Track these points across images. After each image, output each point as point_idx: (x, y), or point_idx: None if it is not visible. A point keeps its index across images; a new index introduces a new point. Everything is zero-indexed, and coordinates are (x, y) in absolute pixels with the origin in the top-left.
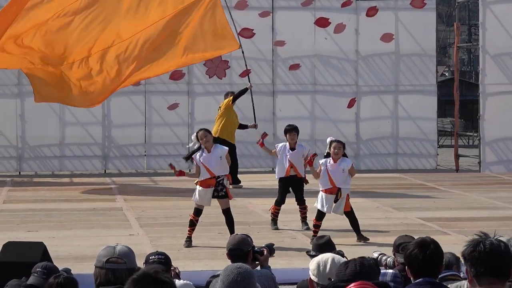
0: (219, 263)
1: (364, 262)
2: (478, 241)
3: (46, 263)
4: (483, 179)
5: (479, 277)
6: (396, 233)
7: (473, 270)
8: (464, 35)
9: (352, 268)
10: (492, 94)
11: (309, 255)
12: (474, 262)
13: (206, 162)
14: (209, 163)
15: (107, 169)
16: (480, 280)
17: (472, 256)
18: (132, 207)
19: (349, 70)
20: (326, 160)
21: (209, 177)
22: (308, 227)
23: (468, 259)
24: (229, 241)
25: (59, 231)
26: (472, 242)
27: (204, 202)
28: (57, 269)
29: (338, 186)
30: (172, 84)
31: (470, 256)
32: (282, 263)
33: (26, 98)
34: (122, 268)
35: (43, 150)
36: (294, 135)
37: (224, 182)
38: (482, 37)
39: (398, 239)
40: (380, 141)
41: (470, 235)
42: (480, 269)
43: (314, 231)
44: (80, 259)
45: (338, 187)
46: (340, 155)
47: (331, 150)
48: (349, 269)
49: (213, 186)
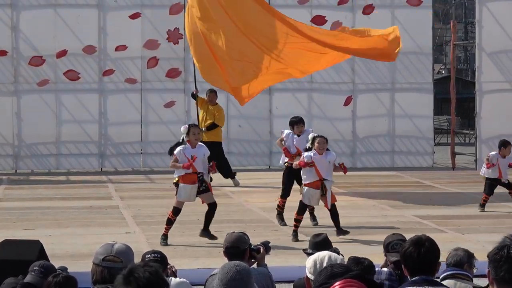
0: (215, 261)
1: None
2: (504, 245)
3: (44, 261)
4: (479, 177)
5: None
6: (392, 231)
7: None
8: (461, 33)
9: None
10: (489, 92)
11: (305, 253)
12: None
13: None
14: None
15: (103, 167)
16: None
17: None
18: (128, 205)
19: (346, 68)
20: (309, 154)
21: (191, 172)
22: (316, 222)
23: (491, 261)
24: (226, 239)
25: (55, 229)
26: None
27: (190, 198)
28: (54, 268)
29: (324, 178)
30: (168, 82)
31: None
32: (279, 261)
33: (23, 96)
34: (118, 267)
35: (39, 148)
36: (302, 127)
37: (205, 177)
38: (478, 35)
39: (387, 238)
40: (377, 139)
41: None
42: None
43: (295, 225)
44: (77, 257)
45: (324, 178)
46: (325, 150)
47: (316, 145)
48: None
49: (196, 182)
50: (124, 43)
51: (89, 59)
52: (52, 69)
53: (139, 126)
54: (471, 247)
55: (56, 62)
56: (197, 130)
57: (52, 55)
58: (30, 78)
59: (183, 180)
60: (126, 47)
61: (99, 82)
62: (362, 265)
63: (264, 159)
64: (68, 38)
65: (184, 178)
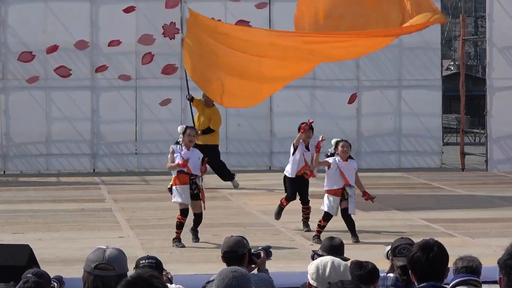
0: (213, 267)
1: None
2: None
3: (38, 269)
4: (490, 178)
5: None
6: (399, 235)
7: (506, 279)
8: (470, 27)
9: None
10: (500, 89)
11: (316, 255)
12: (508, 271)
13: (185, 158)
14: (189, 160)
15: (96, 168)
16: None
17: (506, 264)
18: (122, 208)
19: (350, 64)
20: (334, 158)
21: (185, 171)
22: (308, 229)
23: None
24: (224, 243)
25: (45, 233)
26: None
27: (184, 199)
28: (48, 276)
29: (351, 184)
30: (164, 79)
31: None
32: (280, 267)
33: (11, 93)
34: (111, 275)
35: (28, 148)
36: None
37: (197, 181)
38: (489, 29)
39: (395, 242)
40: (382, 139)
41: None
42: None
43: (318, 231)
44: (68, 262)
45: (349, 184)
46: (348, 154)
47: (340, 149)
48: None
49: (188, 184)
50: (118, 38)
51: (81, 54)
52: (42, 65)
53: (134, 125)
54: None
55: (47, 58)
56: (193, 133)
57: (42, 50)
58: (19, 74)
59: (175, 182)
60: (120, 42)
61: (91, 78)
62: (366, 269)
63: (264, 160)
64: (59, 33)
65: (176, 179)
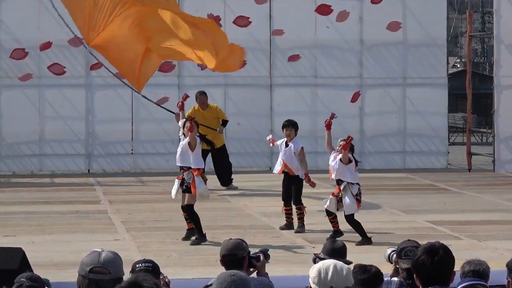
0: (212, 271)
1: None
2: None
3: (31, 273)
4: (498, 179)
5: None
6: (403, 238)
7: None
8: (477, 23)
9: None
10: (508, 87)
11: (318, 258)
12: None
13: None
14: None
15: (90, 169)
16: None
17: None
18: (117, 209)
19: (353, 61)
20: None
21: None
22: (300, 230)
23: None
24: (223, 246)
25: (39, 235)
26: None
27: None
28: (41, 280)
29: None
30: (161, 77)
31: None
32: (281, 270)
33: (3, 91)
34: (106, 279)
35: (21, 147)
36: (290, 130)
37: (185, 176)
38: (496, 25)
39: (401, 244)
40: (386, 138)
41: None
42: None
43: (333, 226)
44: (62, 266)
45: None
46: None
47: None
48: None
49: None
50: None
51: (75, 51)
52: (36, 63)
53: (130, 124)
54: (489, 255)
55: (40, 55)
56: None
57: (36, 47)
58: (11, 72)
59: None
60: None
61: (86, 76)
62: (369, 273)
63: (264, 160)
64: (53, 29)
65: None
